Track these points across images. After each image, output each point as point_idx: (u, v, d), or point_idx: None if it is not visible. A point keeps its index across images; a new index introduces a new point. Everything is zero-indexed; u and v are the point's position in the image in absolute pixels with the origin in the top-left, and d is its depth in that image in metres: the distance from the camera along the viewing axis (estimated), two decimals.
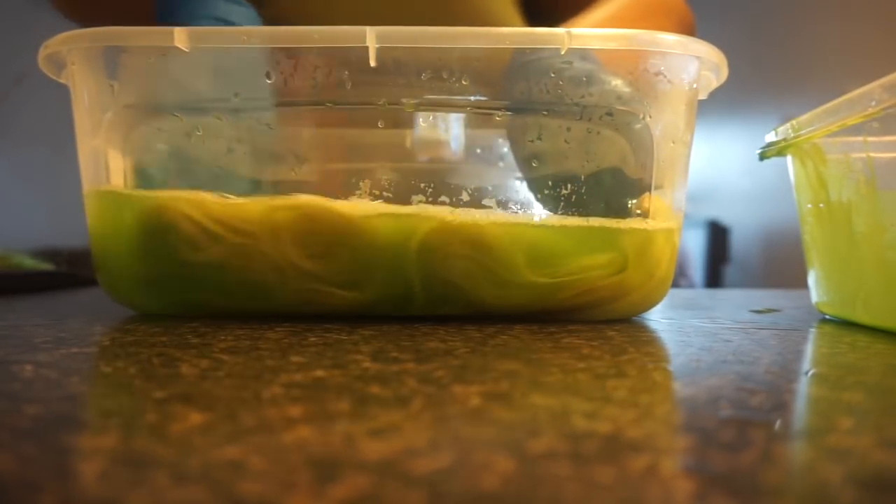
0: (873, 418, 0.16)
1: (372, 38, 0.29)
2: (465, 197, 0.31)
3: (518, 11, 0.55)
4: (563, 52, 0.29)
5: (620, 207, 0.32)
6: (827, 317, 0.37)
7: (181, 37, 0.29)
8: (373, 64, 0.30)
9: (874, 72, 0.31)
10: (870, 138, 0.30)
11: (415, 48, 0.30)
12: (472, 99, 0.32)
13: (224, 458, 0.12)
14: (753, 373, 0.20)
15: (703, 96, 0.34)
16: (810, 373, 0.21)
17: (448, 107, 0.32)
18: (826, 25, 2.08)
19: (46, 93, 0.68)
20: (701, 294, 0.55)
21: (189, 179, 0.33)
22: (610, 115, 0.32)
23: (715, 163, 2.46)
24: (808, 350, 0.26)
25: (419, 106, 0.32)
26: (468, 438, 0.14)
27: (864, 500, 0.11)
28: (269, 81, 0.31)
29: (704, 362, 0.22)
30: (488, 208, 0.31)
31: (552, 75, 0.31)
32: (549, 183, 0.32)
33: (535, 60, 0.31)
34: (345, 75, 0.31)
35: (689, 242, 2.34)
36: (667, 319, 0.34)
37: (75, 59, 0.31)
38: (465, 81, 0.31)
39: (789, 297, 0.50)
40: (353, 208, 0.30)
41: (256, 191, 0.34)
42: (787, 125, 0.37)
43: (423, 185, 0.31)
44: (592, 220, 0.31)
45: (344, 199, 0.30)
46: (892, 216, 0.29)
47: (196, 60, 0.31)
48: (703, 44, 0.31)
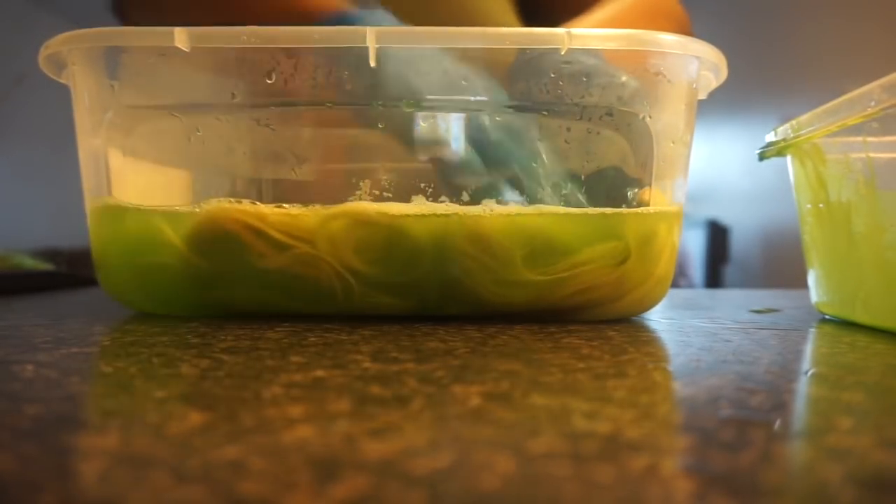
0: (873, 418, 0.16)
1: (372, 38, 0.29)
2: (465, 197, 0.31)
3: (515, 14, 0.55)
4: (563, 53, 0.29)
5: (621, 203, 0.32)
6: (827, 317, 0.37)
7: (181, 37, 0.29)
8: (373, 64, 0.30)
9: (874, 72, 0.31)
10: (869, 138, 0.30)
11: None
12: (472, 99, 0.32)
13: (224, 458, 0.12)
14: (753, 373, 0.20)
15: (702, 96, 0.34)
16: (810, 373, 0.22)
17: (448, 107, 0.32)
18: (826, 25, 2.08)
19: (47, 93, 0.68)
20: (701, 294, 0.55)
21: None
22: (610, 115, 0.32)
23: (715, 163, 2.46)
24: (808, 350, 0.26)
25: (419, 106, 0.32)
26: (468, 438, 0.14)
27: (864, 500, 0.11)
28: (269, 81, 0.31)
29: (704, 362, 0.22)
30: (488, 208, 0.31)
31: (552, 75, 0.31)
32: (550, 183, 0.32)
33: (536, 59, 0.31)
34: (344, 75, 0.31)
35: (689, 242, 2.34)
36: (667, 319, 0.34)
37: (76, 59, 0.31)
38: (465, 81, 0.31)
39: (789, 297, 0.50)
40: (399, 210, 0.30)
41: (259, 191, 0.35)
42: (787, 125, 0.37)
43: (422, 185, 0.31)
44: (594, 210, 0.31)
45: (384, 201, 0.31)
46: (892, 216, 0.29)
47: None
48: (702, 44, 0.31)
